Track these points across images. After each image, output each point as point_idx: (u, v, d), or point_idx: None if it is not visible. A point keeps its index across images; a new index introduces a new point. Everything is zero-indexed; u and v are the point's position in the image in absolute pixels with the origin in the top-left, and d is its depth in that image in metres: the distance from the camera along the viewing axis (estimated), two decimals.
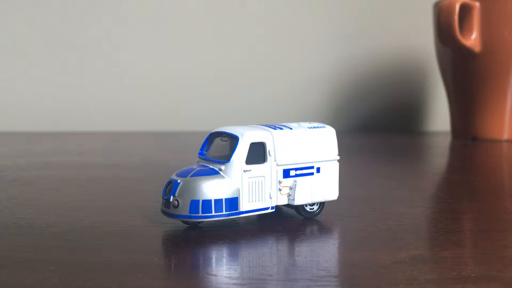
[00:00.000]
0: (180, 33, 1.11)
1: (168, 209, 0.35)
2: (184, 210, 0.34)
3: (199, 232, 0.35)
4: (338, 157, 0.39)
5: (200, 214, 0.34)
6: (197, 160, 0.38)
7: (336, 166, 0.39)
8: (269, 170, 0.36)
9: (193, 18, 1.11)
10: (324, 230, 0.37)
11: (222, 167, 0.35)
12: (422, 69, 1.17)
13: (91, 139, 0.95)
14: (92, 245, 0.33)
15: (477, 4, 0.86)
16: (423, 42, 1.11)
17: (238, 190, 0.35)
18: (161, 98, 1.11)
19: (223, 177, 0.35)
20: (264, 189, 0.36)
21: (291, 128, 0.38)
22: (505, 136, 0.91)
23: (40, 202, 0.45)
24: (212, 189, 0.34)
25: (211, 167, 0.36)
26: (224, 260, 0.30)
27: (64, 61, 1.09)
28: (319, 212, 0.39)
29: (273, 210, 0.37)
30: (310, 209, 0.38)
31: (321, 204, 0.39)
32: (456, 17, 0.84)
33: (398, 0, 1.15)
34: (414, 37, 1.14)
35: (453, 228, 0.37)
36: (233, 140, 0.36)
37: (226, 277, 0.28)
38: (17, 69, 1.08)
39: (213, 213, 0.34)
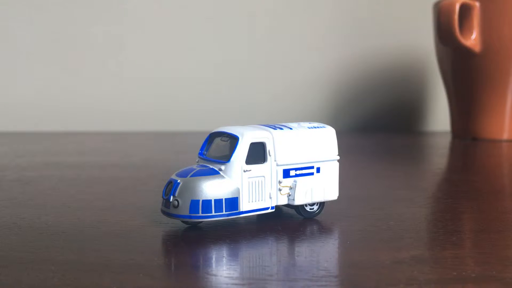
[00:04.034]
0: (180, 33, 1.11)
1: (168, 209, 0.35)
2: (184, 210, 0.34)
3: (199, 232, 0.35)
4: (338, 157, 0.39)
5: (200, 214, 0.34)
6: (197, 160, 0.38)
7: (336, 166, 0.39)
8: (269, 170, 0.36)
9: (193, 17, 1.11)
10: (324, 230, 0.37)
11: (222, 167, 0.35)
12: (422, 69, 1.17)
13: (91, 139, 0.95)
14: (92, 245, 0.33)
15: (477, 4, 0.86)
16: (423, 42, 1.11)
17: (238, 190, 0.35)
18: (161, 98, 1.11)
19: (223, 177, 0.35)
20: (264, 189, 0.36)
21: (291, 128, 0.38)
22: (505, 136, 0.90)
23: (40, 202, 0.45)
24: (212, 189, 0.34)
25: (211, 167, 0.36)
26: (224, 260, 0.30)
27: (65, 61, 1.09)
28: (319, 212, 0.39)
29: (273, 210, 0.37)
30: (310, 209, 0.38)
31: (321, 204, 0.39)
32: (456, 17, 0.84)
33: (398, 0, 1.15)
34: (414, 37, 1.14)
35: (453, 228, 0.37)
36: (233, 140, 0.36)
37: (226, 277, 0.28)
38: (18, 69, 1.08)
39: (213, 213, 0.34)
